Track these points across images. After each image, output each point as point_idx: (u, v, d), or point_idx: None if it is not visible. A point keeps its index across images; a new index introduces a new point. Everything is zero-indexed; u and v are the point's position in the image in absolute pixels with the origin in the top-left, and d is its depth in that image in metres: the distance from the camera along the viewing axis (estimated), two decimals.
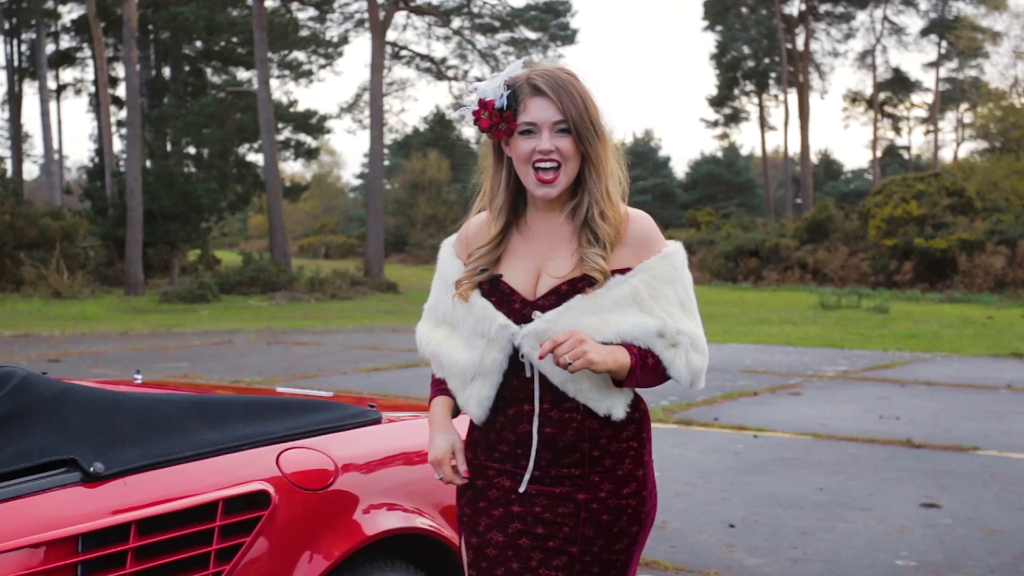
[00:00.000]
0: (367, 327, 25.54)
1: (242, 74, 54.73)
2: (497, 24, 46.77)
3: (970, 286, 38.32)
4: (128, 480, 3.12)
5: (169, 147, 49.17)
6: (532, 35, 45.91)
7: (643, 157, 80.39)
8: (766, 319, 27.27)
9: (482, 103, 3.12)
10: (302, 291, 36.44)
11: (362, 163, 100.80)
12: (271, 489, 3.38)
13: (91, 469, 3.06)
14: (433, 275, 3.38)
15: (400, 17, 46.66)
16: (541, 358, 2.98)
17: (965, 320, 27.32)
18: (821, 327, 24.96)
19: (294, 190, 52.35)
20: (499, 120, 3.10)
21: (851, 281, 41.40)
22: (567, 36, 45.46)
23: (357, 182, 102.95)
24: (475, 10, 46.60)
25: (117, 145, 46.65)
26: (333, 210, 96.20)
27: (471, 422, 3.22)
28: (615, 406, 3.07)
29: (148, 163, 42.87)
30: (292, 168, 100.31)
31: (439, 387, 3.28)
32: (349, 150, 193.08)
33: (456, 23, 47.31)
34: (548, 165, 3.07)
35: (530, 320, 3.07)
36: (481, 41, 47.56)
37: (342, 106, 55.92)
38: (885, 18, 72.40)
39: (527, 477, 3.09)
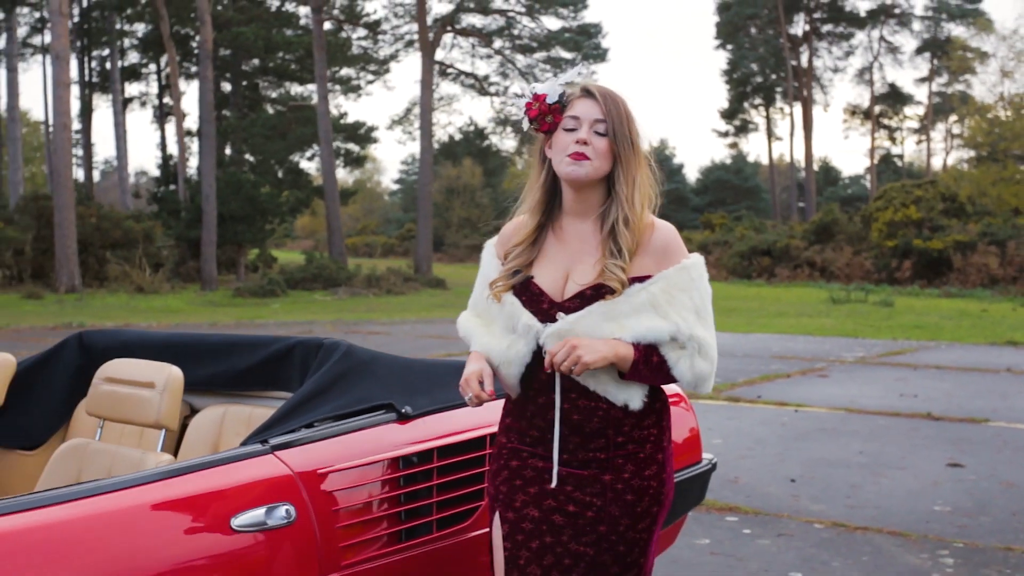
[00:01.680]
0: (427, 319, 26.21)
1: (295, 88, 55.38)
2: (535, 45, 46.95)
3: (964, 282, 38.75)
4: (427, 419, 3.97)
5: (227, 154, 49.89)
6: (567, 55, 46.22)
7: (658, 164, 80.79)
8: (783, 312, 27.69)
9: (535, 96, 3.21)
10: (360, 287, 37.06)
11: (400, 169, 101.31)
12: None
13: (403, 411, 3.91)
14: (474, 272, 3.59)
15: (447, 38, 47.14)
16: (547, 370, 3.08)
17: (962, 313, 27.71)
18: (834, 319, 25.41)
19: (342, 195, 52.88)
20: (547, 111, 3.19)
21: (856, 278, 41.79)
22: (599, 56, 45.88)
23: (395, 187, 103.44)
24: (515, 32, 46.92)
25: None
26: (373, 212, 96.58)
27: (504, 410, 3.38)
28: (632, 398, 3.12)
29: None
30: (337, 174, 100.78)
31: None
32: (388, 157, 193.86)
33: (498, 44, 47.64)
34: (581, 150, 3.12)
35: (555, 320, 3.13)
36: (521, 60, 47.89)
37: (393, 119, 56.42)
38: (882, 38, 72.65)
39: (555, 471, 3.16)
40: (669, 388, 5.22)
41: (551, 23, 47.02)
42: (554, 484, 3.15)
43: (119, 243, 37.52)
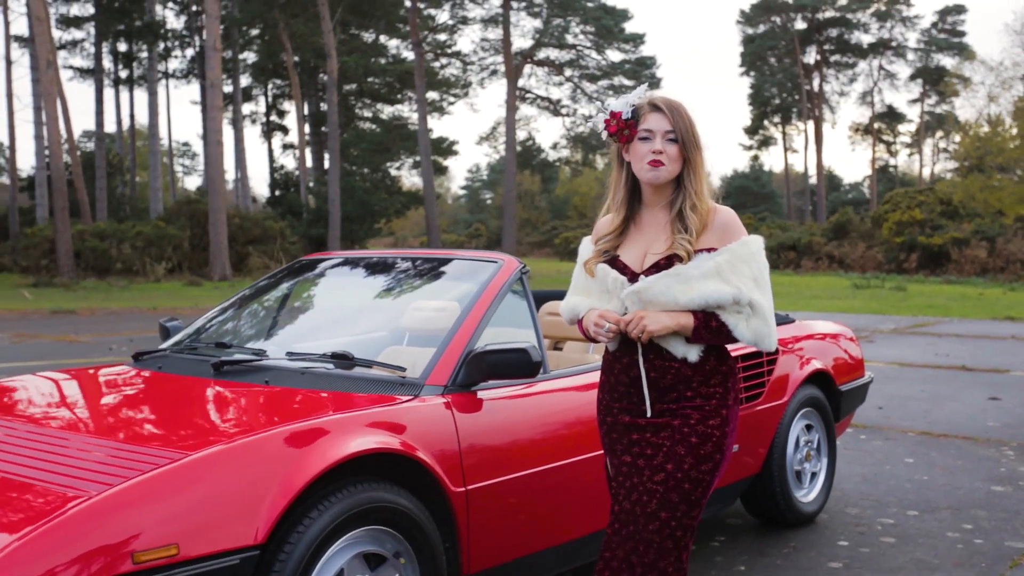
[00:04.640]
0: None
1: (386, 109, 56.85)
2: (600, 74, 48.00)
3: (960, 272, 39.44)
4: None
5: (326, 164, 51.30)
6: (627, 82, 47.35)
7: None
8: (817, 296, 28.21)
9: (612, 114, 3.23)
10: None
11: (466, 177, 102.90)
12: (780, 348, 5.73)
13: None
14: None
15: (527, 68, 48.41)
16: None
17: (963, 296, 28.25)
18: (860, 301, 25.95)
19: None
20: (624, 127, 3.21)
21: (869, 268, 42.45)
22: (653, 84, 46.80)
23: (462, 192, 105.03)
24: (584, 63, 48.09)
25: (289, 163, 49.07)
26: (443, 214, 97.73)
27: (600, 370, 3.42)
28: (689, 352, 3.15)
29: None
30: (412, 180, 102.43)
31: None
32: (454, 165, 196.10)
33: (569, 73, 48.91)
34: (658, 158, 3.16)
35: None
36: (588, 87, 48.87)
37: (481, 136, 58.05)
38: (881, 66, 73.05)
39: (648, 405, 3.21)
40: (836, 328, 6.83)
41: (614, 56, 47.99)
42: (649, 414, 3.22)
43: (258, 239, 39.15)
